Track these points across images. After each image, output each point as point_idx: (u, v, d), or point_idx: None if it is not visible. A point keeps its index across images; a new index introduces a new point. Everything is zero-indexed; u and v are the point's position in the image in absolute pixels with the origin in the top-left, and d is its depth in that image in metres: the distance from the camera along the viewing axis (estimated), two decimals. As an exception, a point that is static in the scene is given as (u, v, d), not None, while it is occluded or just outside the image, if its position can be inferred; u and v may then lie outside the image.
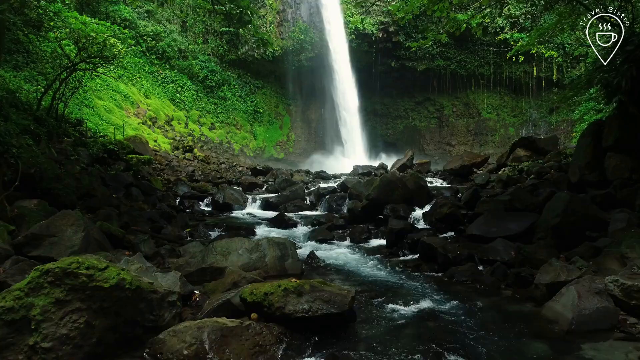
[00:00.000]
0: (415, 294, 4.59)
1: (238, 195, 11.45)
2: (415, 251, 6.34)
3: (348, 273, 5.48)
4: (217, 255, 5.13)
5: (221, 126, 30.63)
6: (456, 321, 3.85)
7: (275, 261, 5.22)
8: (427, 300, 4.36)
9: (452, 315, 4.00)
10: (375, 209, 8.61)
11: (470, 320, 3.88)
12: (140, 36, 27.02)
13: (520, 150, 13.04)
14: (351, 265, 5.90)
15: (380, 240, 7.51)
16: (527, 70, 34.45)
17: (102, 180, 10.31)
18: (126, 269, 3.59)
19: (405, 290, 4.77)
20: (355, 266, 5.83)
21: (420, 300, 4.31)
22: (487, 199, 7.48)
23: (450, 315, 4.00)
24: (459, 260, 5.37)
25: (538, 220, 5.90)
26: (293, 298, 3.45)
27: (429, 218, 7.77)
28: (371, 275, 5.38)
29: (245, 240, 5.37)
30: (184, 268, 5.03)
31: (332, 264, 5.89)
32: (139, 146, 14.76)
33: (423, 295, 4.54)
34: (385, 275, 5.37)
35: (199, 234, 7.61)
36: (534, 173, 10.25)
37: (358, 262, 6.11)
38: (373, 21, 33.31)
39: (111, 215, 7.03)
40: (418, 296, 4.49)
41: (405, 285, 4.95)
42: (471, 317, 3.95)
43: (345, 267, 5.78)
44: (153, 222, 7.75)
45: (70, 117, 15.52)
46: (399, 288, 4.84)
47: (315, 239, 7.54)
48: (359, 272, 5.53)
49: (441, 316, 3.97)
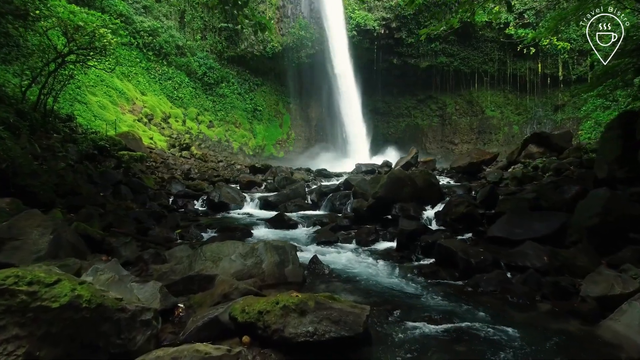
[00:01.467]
0: (437, 308, 3.92)
1: (235, 194, 10.78)
2: (429, 255, 5.68)
3: (356, 281, 4.80)
4: (207, 262, 4.46)
5: (220, 124, 29.96)
6: (491, 343, 3.18)
7: (273, 268, 4.55)
8: (452, 315, 3.69)
9: (485, 335, 3.32)
10: (383, 208, 7.95)
11: (508, 341, 3.22)
12: (137, 32, 26.36)
13: (532, 147, 12.37)
14: (359, 271, 5.23)
15: (389, 242, 6.84)
16: (531, 67, 33.76)
17: (89, 177, 9.66)
18: (89, 281, 2.93)
19: (425, 302, 4.10)
20: (364, 273, 5.16)
21: (444, 316, 3.64)
22: (509, 197, 6.79)
23: (482, 334, 3.33)
24: (483, 266, 4.69)
25: (569, 220, 5.23)
26: (294, 318, 2.78)
27: (443, 218, 7.09)
28: (383, 283, 4.71)
29: (239, 244, 4.69)
30: (168, 276, 4.36)
31: (338, 270, 5.22)
32: (131, 143, 14.09)
33: (446, 309, 3.87)
34: (399, 284, 4.70)
35: (190, 236, 6.94)
36: (551, 170, 9.59)
37: (366, 267, 5.44)
38: (375, 17, 32.63)
39: (92, 215, 6.36)
40: (441, 310, 3.82)
41: (424, 296, 4.28)
42: (508, 338, 3.28)
43: (353, 273, 5.11)
44: (140, 222, 7.09)
45: (60, 112, 14.83)
46: (417, 299, 4.17)
47: (318, 241, 6.89)
48: (368, 279, 4.86)
49: (472, 336, 3.29)
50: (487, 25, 32.69)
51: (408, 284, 4.70)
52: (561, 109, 33.57)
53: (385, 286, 4.60)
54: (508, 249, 5.12)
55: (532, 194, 6.38)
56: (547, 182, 8.20)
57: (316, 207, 10.40)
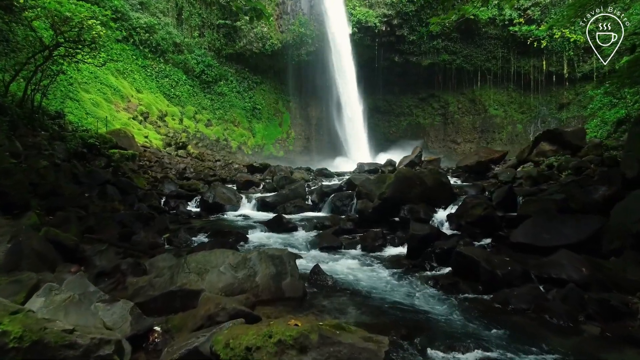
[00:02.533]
0: (464, 331, 3.29)
1: (231, 194, 10.15)
2: (445, 263, 5.05)
3: (365, 296, 4.18)
4: (191, 274, 3.83)
5: (218, 123, 29.31)
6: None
7: (268, 281, 3.93)
8: (484, 342, 3.06)
9: (528, 369, 2.69)
10: (390, 210, 7.32)
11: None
12: (133, 28, 25.72)
13: (545, 145, 11.73)
14: (367, 283, 4.60)
15: (397, 248, 6.22)
16: (536, 64, 33.09)
17: (74, 177, 9.03)
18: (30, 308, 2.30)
19: (448, 324, 3.47)
20: (373, 285, 4.54)
21: (475, 344, 3.01)
22: (533, 198, 6.14)
23: (523, 369, 2.70)
24: (510, 278, 4.06)
25: (606, 225, 4.61)
26: (292, 356, 2.15)
27: (457, 221, 6.46)
28: (396, 298, 4.09)
29: (229, 253, 4.06)
30: (146, 291, 3.73)
31: (343, 282, 4.60)
32: (123, 140, 13.45)
33: (476, 333, 3.25)
34: (415, 299, 4.08)
35: (179, 241, 6.31)
36: (570, 168, 8.95)
37: (375, 278, 4.81)
38: (376, 13, 31.97)
39: (70, 219, 5.73)
40: (470, 335, 3.19)
41: (446, 316, 3.65)
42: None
43: (360, 286, 4.48)
44: (124, 226, 6.46)
45: (49, 109, 14.20)
46: (438, 320, 3.55)
47: (319, 247, 6.26)
48: (379, 293, 4.24)
49: (513, 372, 2.66)
50: (490, 22, 32.06)
51: (425, 299, 4.07)
52: (566, 107, 32.93)
53: (399, 302, 3.97)
54: (537, 258, 4.50)
55: (560, 195, 5.75)
56: (566, 181, 7.57)
57: (317, 208, 9.78)
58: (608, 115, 27.46)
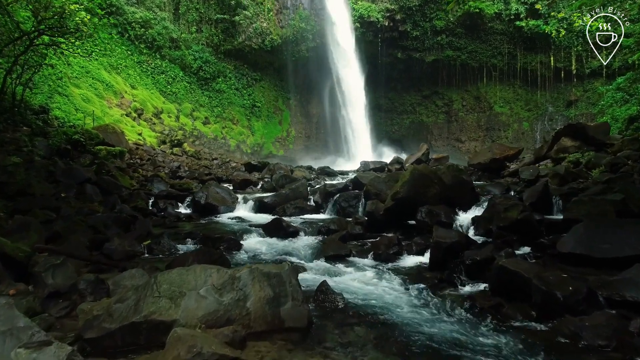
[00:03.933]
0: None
1: (225, 195, 9.26)
2: (478, 277, 4.17)
3: (385, 323, 3.29)
4: (162, 299, 2.93)
5: (216, 121, 28.41)
6: None
7: (263, 307, 3.03)
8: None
9: None
10: (404, 212, 6.43)
11: None
12: (128, 23, 24.83)
13: (566, 140, 10.83)
14: (386, 304, 3.71)
15: (416, 256, 5.33)
16: (543, 60, 32.16)
17: (49, 175, 8.15)
18: None
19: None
20: (394, 307, 3.65)
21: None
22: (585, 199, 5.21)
23: None
24: (573, 302, 3.16)
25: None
26: None
27: (485, 226, 5.56)
28: (425, 328, 3.19)
29: (213, 271, 3.16)
30: (101, 323, 2.83)
31: (356, 304, 3.71)
32: (111, 137, 12.56)
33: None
34: (449, 329, 3.18)
35: (162, 249, 5.42)
36: (602, 165, 8.06)
37: (395, 297, 3.93)
38: (378, 8, 31.07)
39: (29, 224, 4.82)
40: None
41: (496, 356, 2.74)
42: None
43: (378, 309, 3.59)
44: (97, 231, 5.56)
45: (33, 103, 13.32)
46: (489, 363, 2.64)
47: (324, 256, 5.37)
48: (402, 320, 3.35)
49: None
50: (496, 16, 31.14)
51: (463, 328, 3.17)
52: (574, 104, 32.03)
53: (430, 334, 3.07)
54: (597, 273, 3.60)
55: (618, 195, 4.84)
56: (603, 179, 6.67)
57: (320, 209, 8.89)
58: (619, 113, 26.51)
